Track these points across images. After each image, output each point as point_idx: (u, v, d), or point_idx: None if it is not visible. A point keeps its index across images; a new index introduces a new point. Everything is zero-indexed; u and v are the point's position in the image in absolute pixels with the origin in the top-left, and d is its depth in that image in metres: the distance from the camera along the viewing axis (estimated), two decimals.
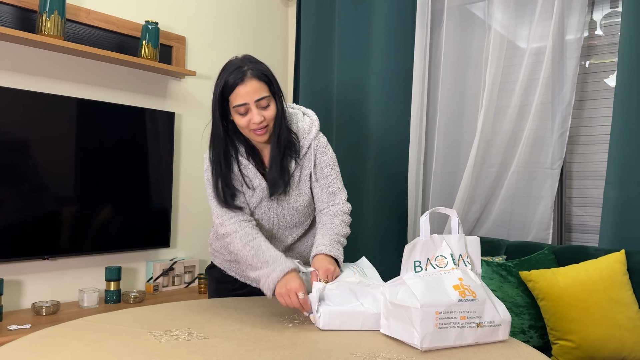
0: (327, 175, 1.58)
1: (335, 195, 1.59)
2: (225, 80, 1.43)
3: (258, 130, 1.45)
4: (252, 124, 1.44)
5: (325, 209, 1.59)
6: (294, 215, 1.59)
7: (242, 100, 1.42)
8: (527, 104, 2.46)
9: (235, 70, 1.43)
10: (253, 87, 1.42)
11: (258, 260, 1.43)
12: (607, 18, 2.42)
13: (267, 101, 1.44)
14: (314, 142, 1.57)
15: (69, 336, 1.21)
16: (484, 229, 2.58)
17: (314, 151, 1.57)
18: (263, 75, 1.44)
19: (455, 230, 1.31)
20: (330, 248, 1.48)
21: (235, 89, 1.42)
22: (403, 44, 2.77)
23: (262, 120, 1.43)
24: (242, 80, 1.41)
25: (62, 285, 2.38)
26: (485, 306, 1.20)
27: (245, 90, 1.41)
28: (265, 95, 1.43)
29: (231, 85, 1.42)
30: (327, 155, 1.59)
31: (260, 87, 1.43)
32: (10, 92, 2.12)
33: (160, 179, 2.62)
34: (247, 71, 1.42)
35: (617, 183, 2.14)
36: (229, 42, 3.08)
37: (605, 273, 1.90)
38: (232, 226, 1.49)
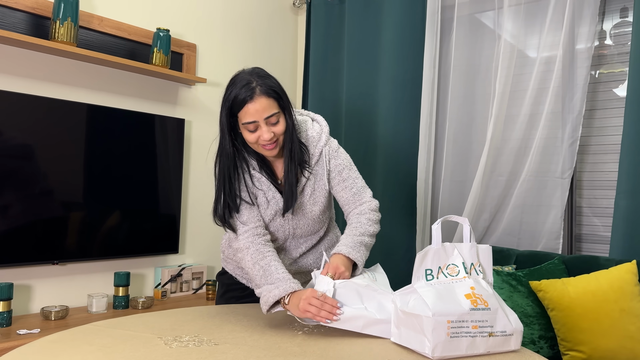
0: (347, 177, 1.56)
1: (360, 195, 1.57)
2: (235, 96, 1.41)
3: (268, 145, 1.43)
4: (261, 140, 1.42)
5: (353, 210, 1.57)
6: (309, 224, 1.59)
7: (251, 118, 1.39)
8: (537, 112, 2.45)
9: (245, 87, 1.40)
10: (262, 104, 1.39)
11: (265, 282, 1.41)
12: (617, 28, 2.41)
13: (277, 117, 1.42)
14: (324, 148, 1.55)
15: (80, 341, 1.21)
16: (494, 238, 2.57)
17: (327, 157, 1.55)
18: (272, 92, 1.41)
19: (467, 239, 1.30)
20: (350, 250, 1.46)
21: (245, 107, 1.39)
22: (412, 52, 2.78)
23: (272, 137, 1.42)
24: (252, 98, 1.38)
25: (71, 290, 2.38)
26: (497, 315, 1.19)
27: (254, 107, 1.39)
28: (274, 112, 1.41)
29: (240, 102, 1.39)
30: (341, 157, 1.57)
31: (270, 104, 1.40)
32: (23, 97, 2.14)
33: (169, 185, 2.63)
34: (255, 88, 1.39)
35: (628, 193, 2.12)
36: (239, 49, 3.10)
37: (616, 283, 1.88)
38: (245, 241, 1.47)
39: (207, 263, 2.92)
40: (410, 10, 2.78)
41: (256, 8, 3.20)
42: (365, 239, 1.51)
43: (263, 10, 3.24)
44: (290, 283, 1.37)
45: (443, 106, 2.78)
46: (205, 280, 2.75)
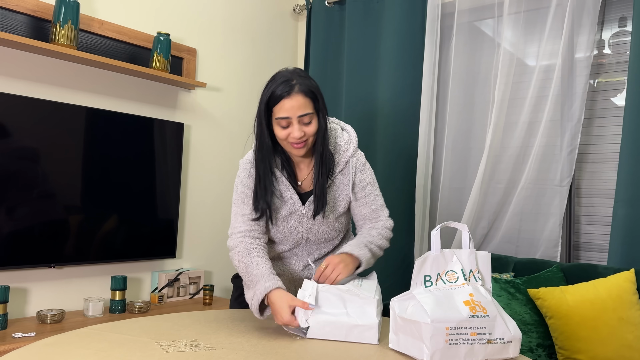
0: (369, 193, 1.58)
1: (378, 213, 1.60)
2: (273, 91, 1.44)
3: (296, 144, 1.45)
4: (291, 138, 1.44)
5: (367, 225, 1.59)
6: (324, 230, 1.58)
7: (285, 113, 1.42)
8: (536, 120, 2.46)
9: (284, 83, 1.43)
10: (298, 102, 1.42)
11: (247, 279, 1.45)
12: (616, 37, 2.43)
13: (310, 118, 1.44)
14: (351, 159, 1.56)
15: (76, 344, 1.20)
16: (492, 245, 2.57)
17: (353, 169, 1.56)
18: (310, 92, 1.44)
19: (466, 245, 1.30)
20: (352, 248, 1.47)
21: (281, 102, 1.42)
22: (412, 59, 2.78)
23: (302, 136, 1.44)
24: (289, 94, 1.42)
25: (68, 294, 2.37)
26: (496, 322, 1.18)
27: (290, 104, 1.42)
28: (309, 112, 1.44)
29: (277, 97, 1.42)
30: (367, 173, 1.59)
31: (306, 103, 1.43)
32: (23, 100, 2.14)
33: (168, 189, 2.63)
34: (295, 85, 1.43)
35: (626, 201, 2.12)
36: (239, 54, 3.10)
37: (615, 292, 1.88)
38: (235, 241, 1.51)
39: (205, 268, 2.91)
40: (410, 18, 2.79)
41: (257, 13, 3.21)
42: (372, 246, 1.52)
43: (263, 16, 3.25)
44: (265, 283, 1.38)
45: (442, 113, 2.78)
46: (203, 285, 2.74)
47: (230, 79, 3.06)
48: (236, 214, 1.55)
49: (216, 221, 2.98)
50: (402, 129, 2.79)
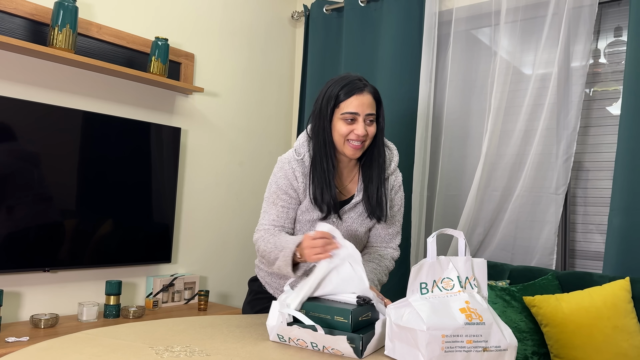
0: (394, 216, 1.61)
1: (393, 238, 1.63)
2: (343, 86, 1.46)
3: (355, 142, 1.46)
4: (353, 134, 1.46)
5: (378, 247, 1.61)
6: (349, 239, 1.57)
7: (354, 109, 1.45)
8: (532, 128, 2.47)
9: (355, 81, 1.47)
10: (369, 100, 1.46)
11: (276, 249, 1.44)
12: (611, 47, 2.44)
13: (374, 119, 1.48)
14: (392, 176, 1.59)
15: (70, 349, 1.19)
16: (488, 252, 2.57)
17: (391, 187, 1.58)
18: (377, 94, 1.50)
19: (462, 252, 1.30)
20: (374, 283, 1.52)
21: (352, 97, 1.45)
22: (409, 66, 2.80)
23: (364, 134, 1.46)
24: (361, 91, 1.45)
25: (62, 298, 2.36)
26: (492, 330, 1.18)
27: (360, 100, 1.45)
28: (374, 112, 1.48)
29: (348, 92, 1.45)
30: (399, 195, 1.62)
31: (373, 103, 1.48)
32: (20, 103, 2.14)
33: (164, 194, 2.62)
34: (365, 86, 1.47)
35: (621, 210, 2.13)
36: (237, 60, 3.11)
37: (610, 300, 1.88)
38: (259, 233, 1.52)
39: (200, 273, 2.90)
40: (408, 25, 2.81)
41: (255, 19, 3.22)
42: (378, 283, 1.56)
43: (261, 22, 3.26)
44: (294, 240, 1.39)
45: (439, 120, 2.79)
46: (198, 291, 2.73)
47: (227, 84, 3.06)
48: (264, 212, 1.56)
49: (212, 226, 2.97)
50: (398, 136, 2.80)
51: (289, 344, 1.31)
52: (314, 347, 1.27)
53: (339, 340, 1.20)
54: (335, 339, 1.20)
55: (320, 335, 1.23)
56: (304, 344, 1.27)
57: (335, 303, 1.32)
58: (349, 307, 1.28)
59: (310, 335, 1.24)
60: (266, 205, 1.56)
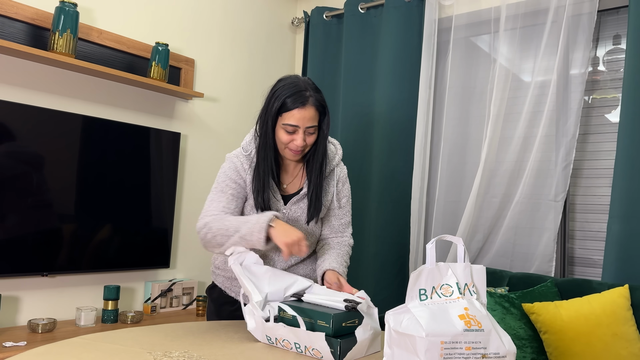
0: (344, 206, 1.66)
1: (345, 228, 1.68)
2: (285, 99, 1.48)
3: (295, 151, 1.51)
4: (292, 145, 1.50)
5: (334, 237, 1.66)
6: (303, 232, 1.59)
7: (295, 122, 1.47)
8: (531, 135, 2.48)
9: (298, 93, 1.47)
10: (310, 114, 1.48)
11: (238, 222, 1.43)
12: (610, 54, 2.46)
13: (314, 130, 1.51)
14: (336, 169, 1.64)
15: (67, 354, 1.19)
16: (487, 259, 2.57)
17: (336, 179, 1.63)
18: (320, 106, 1.51)
19: (461, 259, 1.30)
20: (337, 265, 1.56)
21: (293, 110, 1.47)
22: (409, 73, 2.81)
23: (304, 145, 1.50)
24: (303, 105, 1.47)
25: (60, 303, 2.35)
26: (491, 337, 1.18)
27: (301, 114, 1.47)
28: (315, 124, 1.50)
29: (290, 105, 1.47)
30: (347, 187, 1.67)
31: (315, 116, 1.50)
32: (20, 107, 2.14)
33: (163, 199, 2.62)
34: (309, 97, 1.48)
35: (620, 217, 2.13)
36: (237, 65, 3.12)
37: (609, 308, 1.88)
38: (205, 219, 1.51)
39: (198, 278, 2.89)
40: (408, 32, 2.82)
41: (255, 25, 3.23)
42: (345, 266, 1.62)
43: (261, 28, 3.27)
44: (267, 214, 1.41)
45: (438, 127, 2.80)
46: (196, 296, 2.72)
47: (227, 89, 3.07)
48: (212, 200, 1.55)
49: None
50: (398, 143, 2.80)
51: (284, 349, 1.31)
52: (297, 348, 1.27)
53: (318, 338, 1.22)
54: (315, 335, 1.23)
55: (302, 333, 1.25)
56: (289, 345, 1.29)
57: (321, 307, 1.33)
58: (332, 311, 1.28)
59: (294, 335, 1.27)
60: (214, 195, 1.55)
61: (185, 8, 2.85)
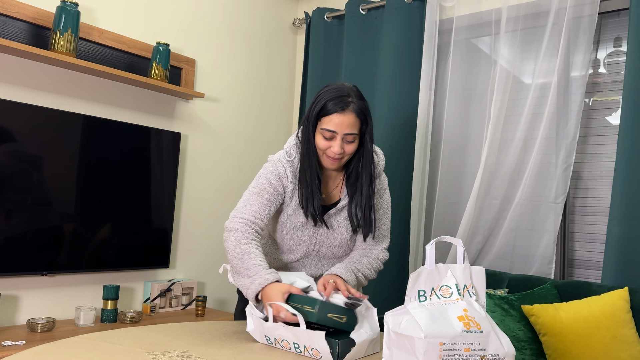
0: (379, 219, 1.60)
1: (379, 241, 1.61)
2: (326, 102, 1.44)
3: (333, 158, 1.47)
4: (330, 151, 1.46)
5: (362, 249, 1.59)
6: (336, 246, 1.58)
7: (333, 127, 1.43)
8: (531, 137, 2.47)
9: (340, 98, 1.44)
10: (350, 120, 1.43)
11: (242, 266, 1.42)
12: (611, 57, 2.46)
13: (354, 138, 1.46)
14: (377, 179, 1.58)
15: (66, 353, 1.19)
16: (486, 261, 2.57)
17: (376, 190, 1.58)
18: (361, 114, 1.46)
19: (460, 260, 1.30)
20: (341, 270, 1.49)
21: (332, 115, 1.43)
22: (409, 74, 2.81)
23: (341, 152, 1.45)
24: (343, 110, 1.43)
25: (59, 302, 2.35)
26: (490, 338, 1.18)
27: (340, 120, 1.43)
28: (355, 132, 1.45)
29: (330, 110, 1.43)
30: (385, 198, 1.61)
31: (355, 123, 1.45)
32: (21, 106, 2.14)
33: (163, 199, 2.62)
34: (350, 103, 1.44)
35: (620, 220, 2.13)
36: (237, 66, 3.12)
37: (609, 310, 1.88)
38: (235, 224, 1.48)
39: (198, 279, 2.89)
40: (408, 34, 2.82)
41: (256, 26, 3.23)
42: (358, 274, 1.53)
43: (262, 29, 3.27)
44: (264, 275, 1.37)
45: (438, 129, 2.80)
46: (195, 297, 2.72)
47: (228, 90, 3.07)
48: (247, 201, 1.51)
49: (211, 232, 2.97)
50: (398, 144, 2.80)
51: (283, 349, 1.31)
52: (296, 348, 1.27)
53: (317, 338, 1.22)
54: (314, 335, 1.22)
55: (301, 333, 1.24)
56: (288, 345, 1.29)
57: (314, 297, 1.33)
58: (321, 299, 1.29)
59: (293, 334, 1.26)
60: (249, 195, 1.52)
61: (187, 8, 2.85)
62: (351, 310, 1.32)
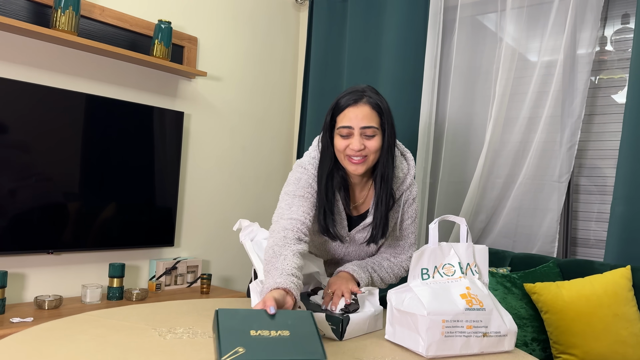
0: (405, 228, 1.51)
1: (405, 250, 1.53)
2: (338, 100, 1.37)
3: (355, 157, 1.36)
4: (349, 150, 1.35)
5: (387, 255, 1.54)
6: (362, 256, 1.55)
7: (347, 122, 1.34)
8: (536, 116, 2.46)
9: (353, 92, 1.36)
10: (364, 112, 1.34)
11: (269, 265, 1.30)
12: (618, 34, 2.42)
13: (374, 132, 1.35)
14: (406, 192, 1.48)
15: (73, 330, 1.21)
16: (489, 239, 2.57)
17: (403, 202, 1.48)
18: (377, 106, 1.36)
19: (463, 239, 1.30)
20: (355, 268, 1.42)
21: (345, 110, 1.35)
22: (414, 52, 2.78)
23: (361, 149, 1.34)
24: (356, 103, 1.34)
25: (65, 280, 2.38)
26: (492, 316, 1.19)
27: (354, 113, 1.34)
28: (373, 125, 1.35)
29: (342, 106, 1.35)
30: (412, 208, 1.50)
31: (371, 115, 1.35)
32: (22, 85, 2.13)
33: (167, 178, 2.63)
34: (364, 96, 1.35)
35: (624, 198, 2.13)
36: (240, 44, 3.09)
37: (611, 288, 1.89)
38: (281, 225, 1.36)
39: (203, 257, 2.92)
40: (413, 11, 2.78)
41: (259, 3, 3.19)
42: (374, 274, 1.48)
43: (265, 6, 3.23)
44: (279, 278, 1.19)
45: (443, 107, 2.78)
46: (200, 274, 2.74)
47: (231, 68, 3.05)
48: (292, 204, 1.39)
49: (215, 210, 2.98)
50: (402, 123, 2.79)
51: None
52: None
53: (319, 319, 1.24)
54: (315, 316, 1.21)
55: None
56: None
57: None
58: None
59: None
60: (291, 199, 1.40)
61: None
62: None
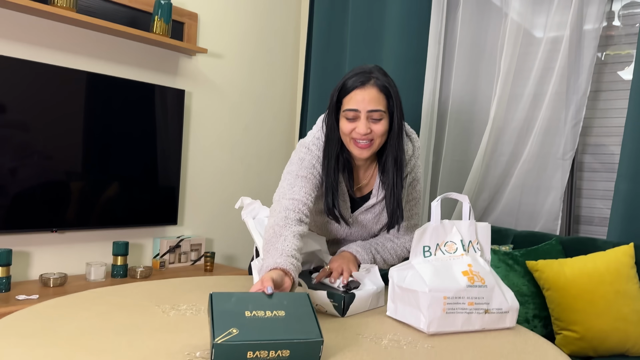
0: (409, 209, 1.51)
1: (407, 231, 1.53)
2: (345, 81, 1.34)
3: (361, 141, 1.34)
4: (355, 133, 1.33)
5: (390, 236, 1.52)
6: (365, 236, 1.54)
7: (354, 105, 1.32)
8: (541, 93, 2.43)
9: (360, 74, 1.33)
10: (371, 95, 1.31)
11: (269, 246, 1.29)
12: (626, 8, 2.37)
13: (381, 115, 1.33)
14: (410, 174, 1.47)
15: (77, 307, 1.22)
16: (492, 217, 2.57)
17: (408, 184, 1.47)
18: (385, 88, 1.33)
19: (466, 216, 1.30)
20: (357, 249, 1.43)
21: (352, 92, 1.32)
22: (418, 28, 2.73)
23: (368, 132, 1.32)
24: (363, 85, 1.31)
25: (70, 258, 2.40)
26: (494, 293, 1.19)
27: (361, 96, 1.31)
28: (380, 108, 1.32)
29: (349, 88, 1.33)
30: (417, 189, 1.50)
31: (378, 98, 1.32)
32: (22, 63, 2.12)
33: (169, 157, 2.63)
34: (371, 78, 1.32)
35: (628, 176, 2.12)
36: (241, 20, 3.05)
37: (613, 266, 1.89)
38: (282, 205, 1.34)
39: (206, 235, 2.93)
40: None
41: None
42: (377, 256, 1.48)
43: None
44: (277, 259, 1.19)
45: (447, 84, 2.75)
46: (204, 252, 2.76)
47: (232, 45, 3.01)
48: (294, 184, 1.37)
49: (217, 189, 2.99)
50: (405, 100, 2.75)
51: None
52: None
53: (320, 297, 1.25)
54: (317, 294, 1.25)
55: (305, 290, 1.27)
56: None
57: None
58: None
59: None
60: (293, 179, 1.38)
61: None
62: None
